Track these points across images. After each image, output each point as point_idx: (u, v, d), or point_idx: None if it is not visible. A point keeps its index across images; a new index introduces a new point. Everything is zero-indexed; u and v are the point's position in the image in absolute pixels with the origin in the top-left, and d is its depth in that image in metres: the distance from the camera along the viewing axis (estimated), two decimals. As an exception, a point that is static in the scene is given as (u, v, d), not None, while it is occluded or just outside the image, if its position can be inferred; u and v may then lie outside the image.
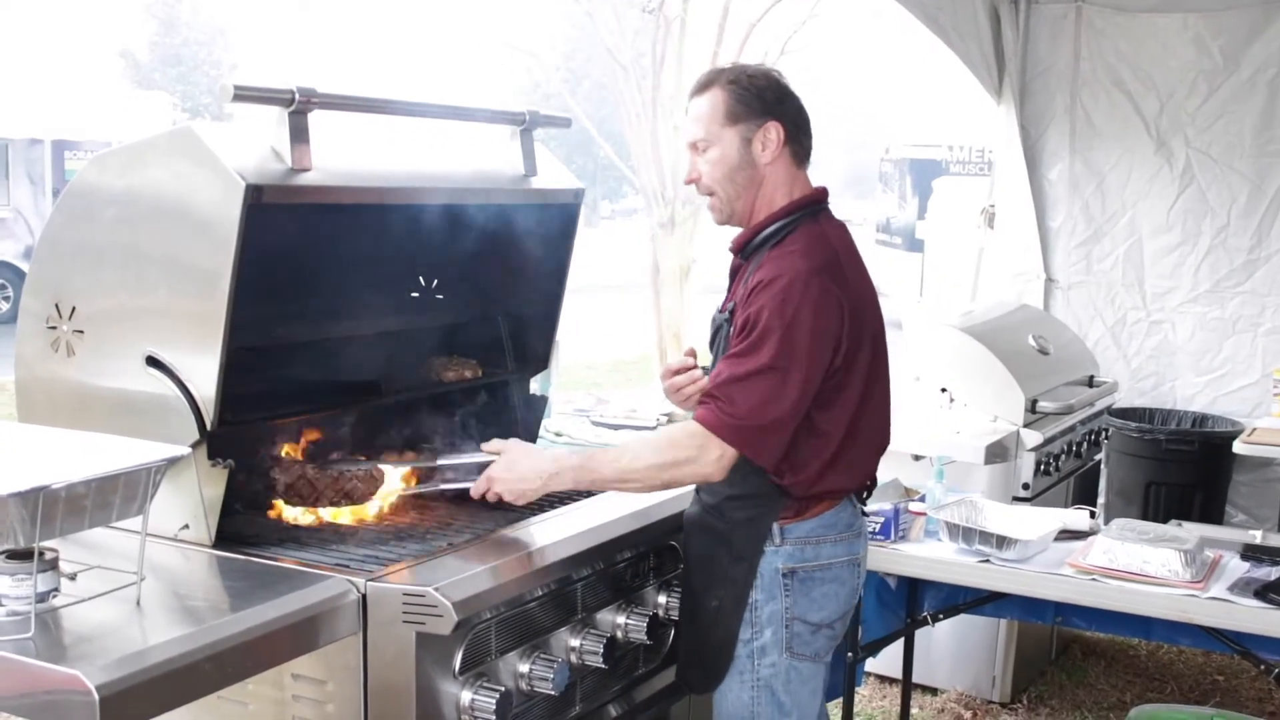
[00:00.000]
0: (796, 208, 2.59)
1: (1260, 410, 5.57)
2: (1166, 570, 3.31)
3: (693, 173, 2.61)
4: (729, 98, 2.55)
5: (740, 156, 2.56)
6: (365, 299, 2.98)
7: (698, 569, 2.64)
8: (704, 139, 2.57)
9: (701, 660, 2.66)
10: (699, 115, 2.57)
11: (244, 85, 2.29)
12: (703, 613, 2.63)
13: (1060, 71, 5.94)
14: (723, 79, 2.58)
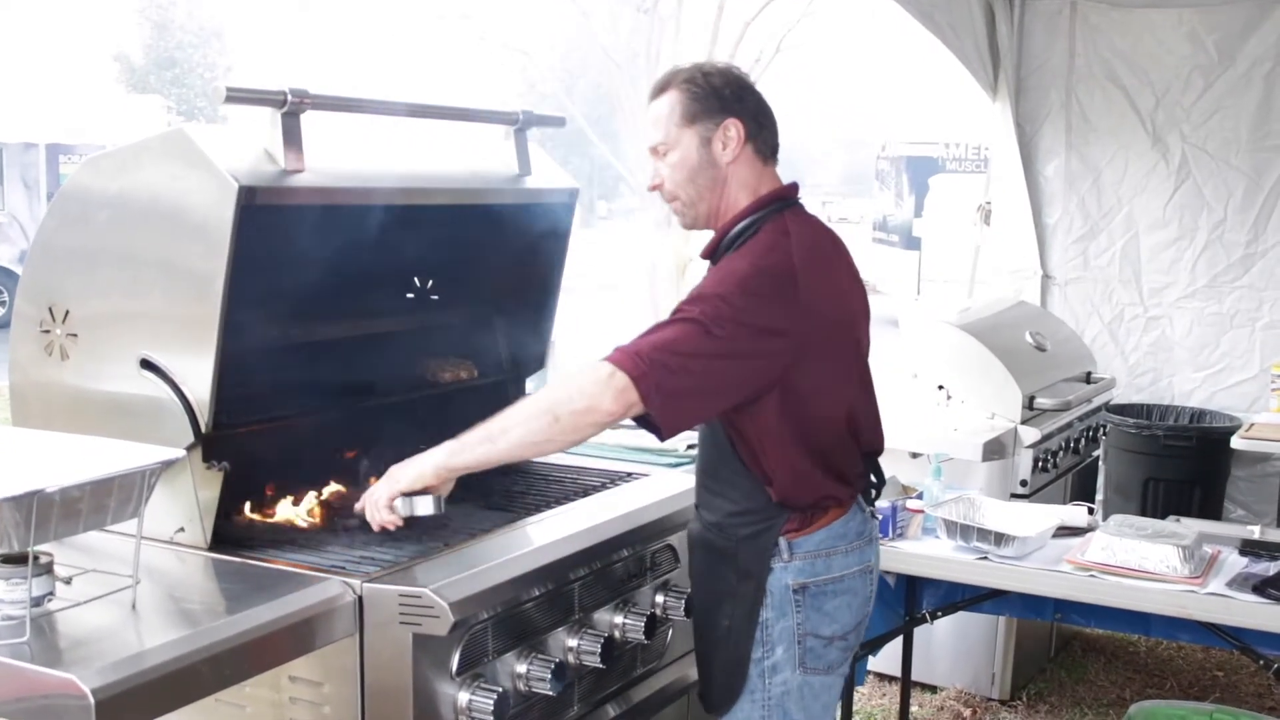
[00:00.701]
0: (760, 205, 2.48)
1: (1258, 405, 5.57)
2: (1165, 566, 3.31)
3: (655, 178, 2.51)
4: (684, 97, 2.46)
5: (700, 157, 2.47)
6: (359, 300, 2.98)
7: (704, 588, 2.58)
8: (663, 142, 2.48)
9: (715, 680, 2.58)
10: (657, 118, 2.48)
11: (236, 87, 2.28)
12: (713, 632, 2.56)
13: (1055, 67, 5.94)
14: (678, 79, 2.48)
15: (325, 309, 2.90)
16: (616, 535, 2.64)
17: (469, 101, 2.84)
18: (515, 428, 2.28)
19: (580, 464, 3.21)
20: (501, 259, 3.11)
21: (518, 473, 3.11)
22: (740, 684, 2.53)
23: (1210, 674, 4.99)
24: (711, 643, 2.57)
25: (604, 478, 3.03)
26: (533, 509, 2.74)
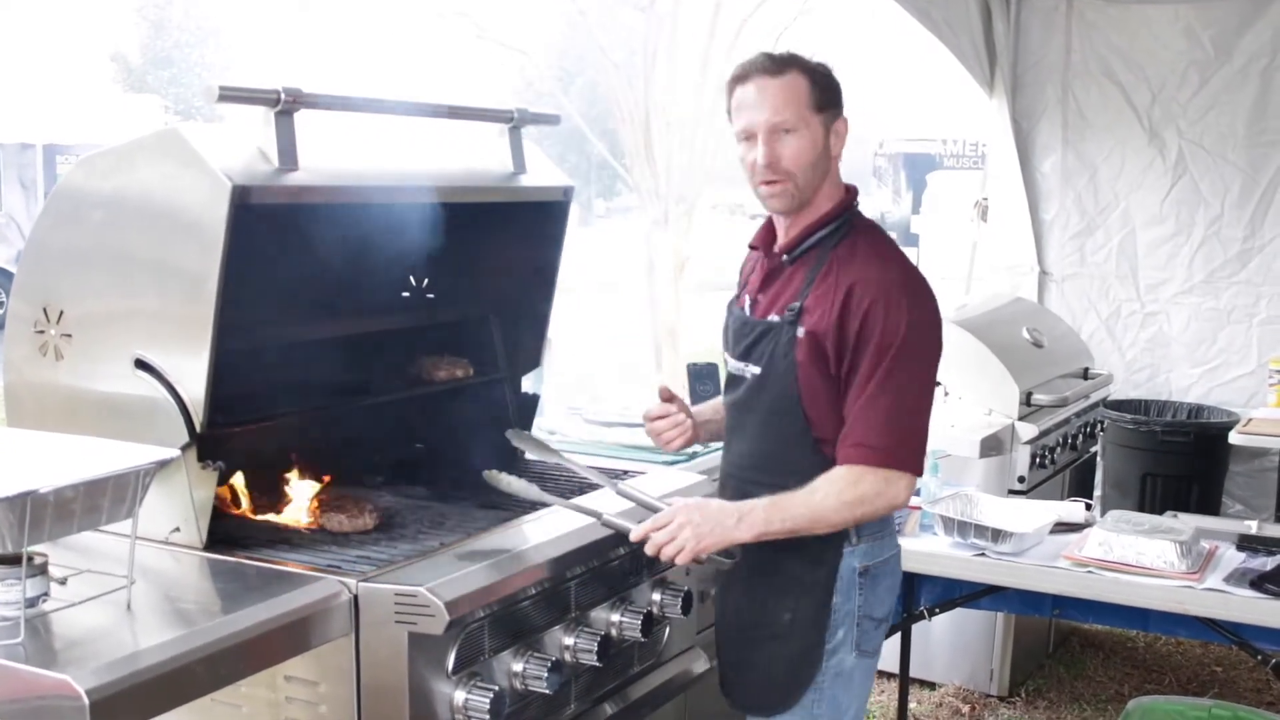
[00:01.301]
0: (845, 208, 2.55)
1: (1256, 400, 5.56)
2: (1162, 562, 3.31)
3: (769, 155, 2.44)
4: (810, 84, 2.46)
5: (822, 146, 2.48)
6: (354, 299, 2.97)
7: (760, 585, 2.58)
8: (789, 122, 2.44)
9: (775, 677, 2.59)
10: (786, 98, 2.43)
11: (229, 86, 2.27)
12: (771, 628, 2.58)
13: (1052, 64, 5.94)
14: (797, 64, 2.46)
15: (320, 308, 2.90)
16: (613, 533, 2.63)
17: (465, 99, 2.83)
18: (824, 521, 2.43)
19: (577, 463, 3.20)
20: (497, 258, 3.10)
21: (514, 471, 3.10)
22: (810, 675, 2.56)
23: (1209, 669, 4.99)
24: (769, 639, 2.58)
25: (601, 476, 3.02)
26: (528, 508, 2.74)
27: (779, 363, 2.50)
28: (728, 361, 2.68)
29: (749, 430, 2.60)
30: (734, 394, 2.63)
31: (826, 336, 2.44)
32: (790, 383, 2.48)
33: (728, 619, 2.69)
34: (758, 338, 2.55)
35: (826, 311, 2.44)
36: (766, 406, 2.54)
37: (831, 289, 2.45)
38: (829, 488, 2.42)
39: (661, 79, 12.01)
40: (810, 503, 2.41)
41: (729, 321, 2.69)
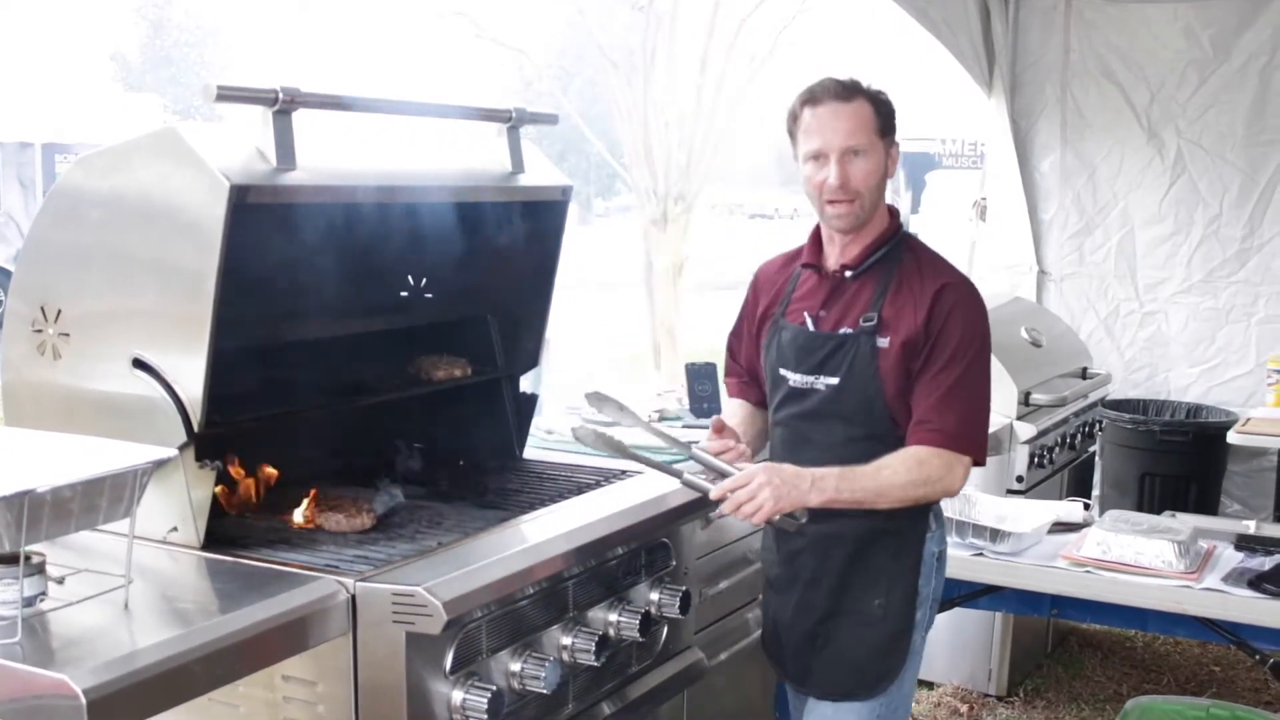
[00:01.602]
0: (898, 226, 2.74)
1: (1254, 400, 5.57)
2: (1160, 561, 3.31)
3: (841, 176, 2.59)
4: (875, 112, 2.63)
5: (884, 169, 2.66)
6: (353, 298, 2.97)
7: (848, 577, 2.70)
8: (861, 146, 2.60)
9: (867, 665, 2.71)
10: (855, 123, 2.60)
11: (227, 86, 2.27)
12: (861, 616, 2.71)
13: (1050, 63, 5.94)
14: (862, 92, 2.63)
15: (318, 307, 2.90)
16: (610, 533, 2.63)
17: (464, 99, 2.83)
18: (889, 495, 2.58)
19: (574, 462, 3.20)
20: (495, 257, 3.10)
21: (512, 471, 3.11)
22: (900, 659, 2.72)
23: (1207, 669, 4.99)
24: (859, 626, 2.71)
25: (598, 475, 3.03)
26: (526, 507, 2.74)
27: (860, 371, 2.63)
28: (787, 377, 2.74)
29: (823, 438, 2.69)
30: (799, 406, 2.72)
31: (913, 340, 2.60)
32: (875, 388, 2.62)
33: (808, 610, 2.76)
34: (832, 351, 2.67)
35: (911, 318, 2.61)
36: (848, 414, 2.66)
37: (912, 297, 2.63)
38: (897, 465, 2.57)
39: (660, 78, 12.00)
40: (878, 477, 2.56)
41: (784, 339, 2.76)
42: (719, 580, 3.43)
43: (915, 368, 2.61)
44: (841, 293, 2.71)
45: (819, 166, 2.61)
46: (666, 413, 3.77)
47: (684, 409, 3.83)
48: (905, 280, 2.66)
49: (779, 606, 2.84)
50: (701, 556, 3.25)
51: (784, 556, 2.80)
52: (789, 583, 2.80)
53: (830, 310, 2.71)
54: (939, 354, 2.60)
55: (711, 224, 27.89)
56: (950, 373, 2.59)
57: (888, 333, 2.62)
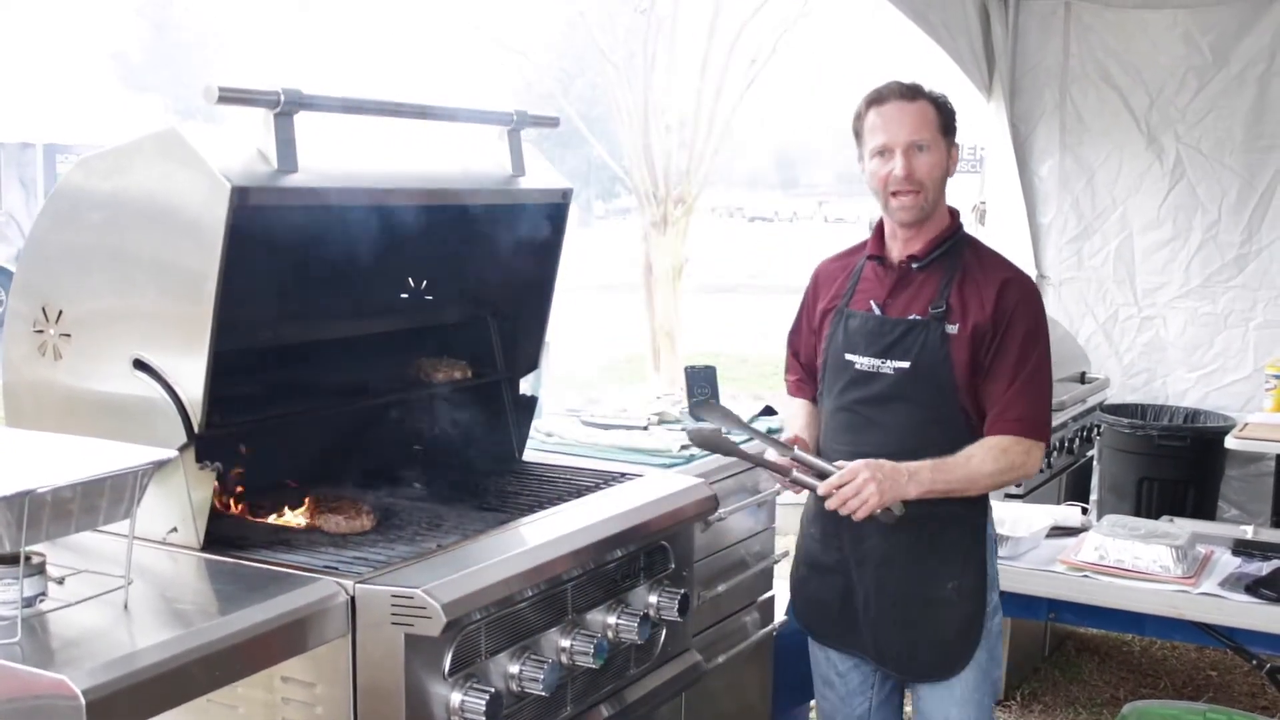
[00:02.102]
0: (959, 223, 2.90)
1: (1252, 405, 5.58)
2: (1158, 566, 3.32)
3: (906, 168, 2.75)
4: (939, 112, 2.80)
5: (946, 166, 2.82)
6: (353, 300, 2.98)
7: (923, 561, 2.83)
8: (924, 141, 2.76)
9: (950, 645, 2.86)
10: (919, 120, 2.77)
11: (228, 87, 2.27)
12: (936, 600, 2.85)
13: (1050, 68, 5.95)
14: (925, 93, 2.80)
15: (318, 309, 2.91)
16: (610, 536, 2.64)
17: (464, 101, 2.83)
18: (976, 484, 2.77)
19: (574, 465, 3.21)
20: (496, 259, 3.10)
21: (511, 473, 3.11)
22: (978, 635, 2.87)
23: (1204, 673, 4.99)
24: (936, 609, 2.86)
25: (597, 478, 3.03)
26: (526, 510, 2.74)
27: (931, 355, 2.78)
28: (853, 361, 2.87)
29: (889, 420, 2.83)
30: (865, 390, 2.86)
31: (981, 329, 2.76)
32: (945, 372, 2.78)
33: (886, 595, 2.89)
34: (901, 335, 2.81)
35: (980, 307, 2.77)
36: (916, 397, 2.80)
37: (977, 289, 2.79)
38: (984, 454, 2.75)
39: (661, 81, 12.01)
40: (968, 467, 2.74)
41: (850, 325, 2.90)
42: (717, 583, 3.44)
43: (983, 358, 2.77)
44: (908, 283, 2.85)
45: (885, 161, 2.78)
46: (665, 416, 3.78)
47: (683, 412, 3.84)
48: (969, 273, 2.81)
49: (848, 588, 2.94)
50: (700, 560, 3.25)
51: (850, 542, 2.89)
52: (858, 565, 2.90)
53: (897, 298, 2.85)
54: (1009, 345, 2.76)
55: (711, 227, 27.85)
56: (1023, 364, 2.76)
57: (956, 320, 2.77)
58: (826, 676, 3.09)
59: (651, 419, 3.71)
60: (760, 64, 11.92)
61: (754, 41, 12.00)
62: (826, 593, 3.00)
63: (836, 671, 3.06)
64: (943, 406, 2.79)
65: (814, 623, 3.08)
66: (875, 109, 2.81)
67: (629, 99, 11.91)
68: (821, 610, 3.03)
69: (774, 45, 12.01)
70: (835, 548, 2.95)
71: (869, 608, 2.91)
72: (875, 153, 2.80)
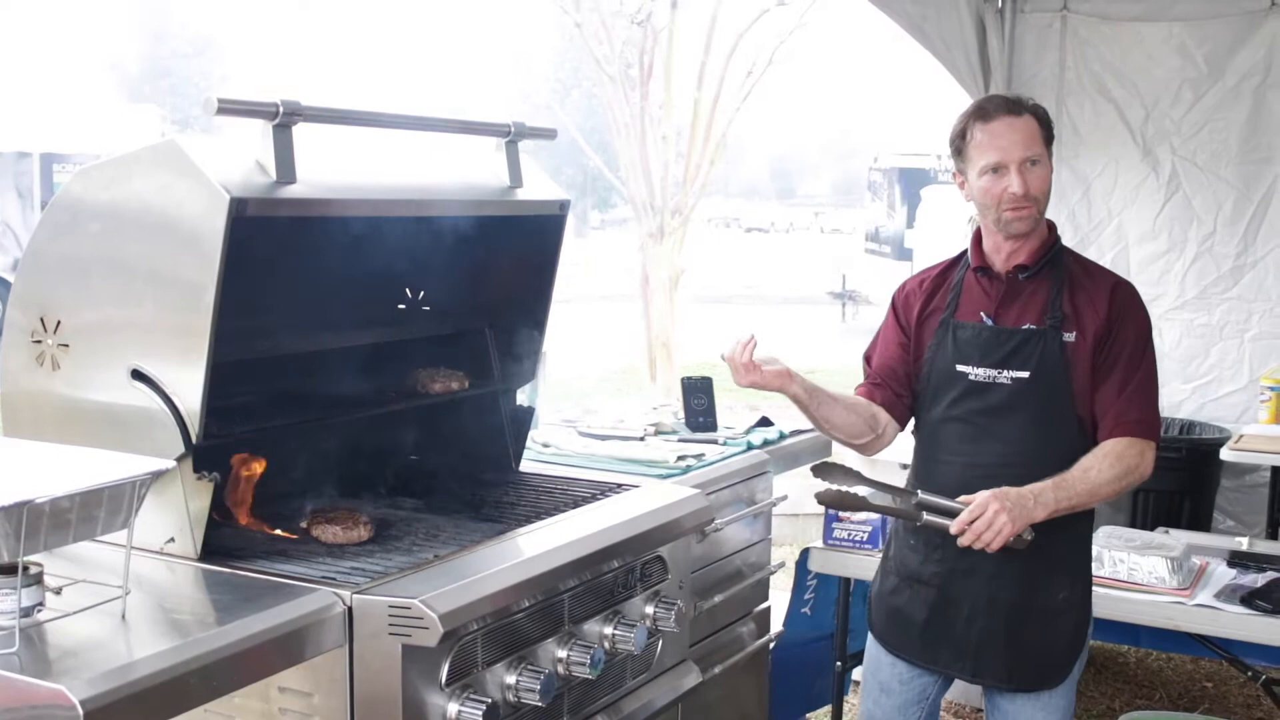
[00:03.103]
0: (1057, 232, 2.93)
1: (1248, 416, 5.58)
2: (1154, 578, 3.32)
3: (1023, 184, 2.75)
4: (1042, 126, 2.81)
5: (1051, 178, 2.84)
6: (351, 311, 2.98)
7: (1035, 570, 2.80)
8: (1036, 155, 2.78)
9: (1055, 654, 2.85)
10: (1029, 134, 2.78)
11: (227, 99, 2.28)
12: (1048, 608, 2.84)
13: (1046, 80, 5.96)
14: (1029, 106, 2.81)
15: (316, 320, 2.91)
16: (606, 546, 2.64)
17: (462, 112, 2.85)
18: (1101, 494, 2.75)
19: (570, 475, 3.21)
20: (493, 270, 3.11)
21: (509, 484, 3.12)
22: (1082, 647, 2.87)
23: (1199, 685, 5.00)
24: (1049, 620, 2.84)
25: (594, 489, 3.04)
26: (523, 520, 2.75)
27: (1051, 363, 2.78)
28: (966, 373, 2.85)
29: (1007, 430, 2.82)
30: (980, 400, 2.84)
31: (1100, 336, 2.78)
32: (1065, 381, 2.78)
33: (998, 608, 2.85)
34: (1018, 345, 2.81)
35: (1094, 314, 2.79)
36: (1036, 405, 2.80)
37: (1089, 296, 2.81)
38: (1101, 464, 2.73)
39: (658, 92, 12.04)
40: (1088, 479, 2.72)
41: (961, 336, 2.88)
42: (714, 594, 3.44)
43: (1099, 361, 2.78)
44: (1017, 293, 2.85)
45: (998, 177, 2.77)
46: (662, 426, 3.78)
47: (679, 422, 3.84)
48: (1076, 280, 2.84)
49: (944, 601, 2.91)
50: (697, 570, 3.26)
51: (956, 554, 2.80)
52: (963, 578, 2.87)
53: (1008, 309, 2.85)
54: (1122, 349, 2.78)
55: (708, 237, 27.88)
56: (1135, 366, 2.78)
57: (1072, 328, 2.78)
58: (886, 684, 3.04)
59: (648, 430, 3.72)
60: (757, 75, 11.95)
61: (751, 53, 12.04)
62: (916, 605, 2.95)
63: (900, 680, 3.02)
64: (1061, 414, 2.79)
65: (895, 635, 3.01)
66: (982, 125, 2.79)
67: (626, 110, 11.94)
68: (907, 623, 2.97)
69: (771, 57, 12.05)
70: (936, 560, 2.90)
71: (975, 620, 2.87)
72: (988, 169, 2.78)
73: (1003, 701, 2.93)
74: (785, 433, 3.89)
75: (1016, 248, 2.85)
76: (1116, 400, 2.77)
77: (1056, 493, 2.68)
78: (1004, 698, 2.92)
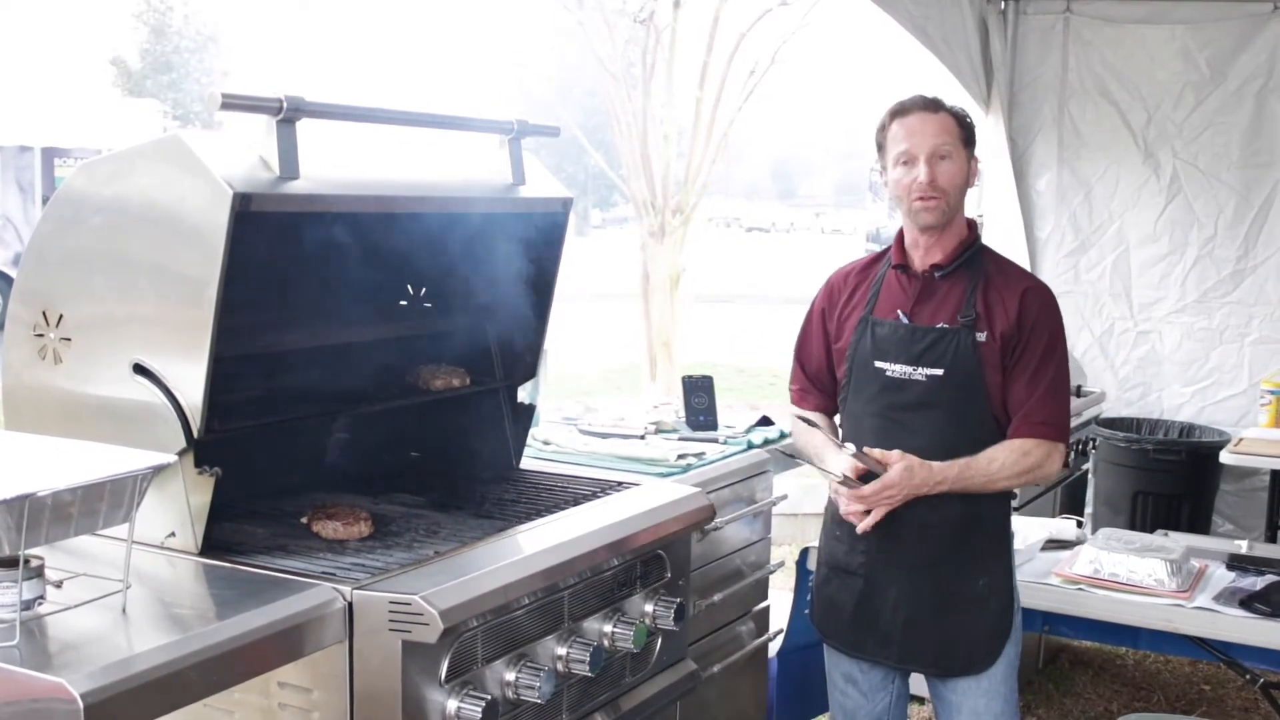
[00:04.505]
0: (976, 233, 2.98)
1: (1247, 420, 5.59)
2: (1153, 580, 3.33)
3: (930, 174, 2.83)
4: (959, 124, 2.89)
5: (965, 176, 2.90)
6: (353, 307, 2.98)
7: (955, 560, 2.91)
8: (948, 149, 2.85)
9: (979, 640, 2.94)
10: (943, 128, 2.86)
11: (231, 94, 2.28)
12: (967, 597, 2.93)
13: (1048, 82, 5.97)
14: (946, 106, 2.90)
15: (318, 316, 2.91)
16: (606, 544, 2.64)
17: (464, 110, 2.85)
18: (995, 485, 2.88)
19: (571, 473, 3.22)
20: (495, 268, 3.11)
21: (509, 481, 3.12)
22: (1007, 631, 2.95)
23: (1197, 687, 5.00)
24: (971, 607, 2.93)
25: (594, 487, 3.04)
26: (523, 517, 2.75)
27: (963, 362, 2.86)
28: (884, 369, 2.93)
29: (923, 425, 2.89)
30: (897, 396, 2.92)
31: (1008, 336, 2.86)
32: (977, 378, 2.86)
33: (921, 597, 2.94)
34: (932, 343, 2.89)
35: (1004, 315, 2.86)
36: (950, 402, 2.88)
37: (1001, 297, 2.88)
38: (1006, 457, 2.85)
39: (659, 91, 12.03)
40: (989, 470, 2.85)
41: (878, 333, 2.96)
42: (713, 592, 3.44)
43: (1009, 363, 2.86)
44: (932, 291, 2.93)
45: (909, 169, 2.86)
46: (662, 425, 3.79)
47: (680, 421, 3.85)
48: (991, 281, 2.91)
49: (870, 590, 2.99)
50: (697, 569, 3.26)
51: (876, 543, 2.94)
52: (886, 567, 2.96)
53: (923, 307, 2.92)
54: (1033, 351, 2.86)
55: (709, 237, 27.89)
56: (1046, 369, 2.86)
57: (984, 327, 2.86)
58: (849, 673, 3.12)
59: (649, 428, 3.72)
60: (759, 75, 11.94)
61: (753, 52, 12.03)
62: (845, 595, 3.04)
63: (860, 669, 3.09)
64: (974, 411, 2.87)
65: (828, 624, 3.11)
66: (899, 120, 2.90)
67: (627, 109, 11.92)
68: (838, 612, 3.06)
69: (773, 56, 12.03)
70: (860, 550, 2.99)
71: (899, 610, 2.96)
72: (899, 161, 2.88)
73: (941, 689, 3.01)
74: (785, 432, 3.89)
75: (932, 245, 2.92)
76: (1026, 402, 2.86)
77: (961, 475, 2.82)
78: (942, 685, 3.00)
